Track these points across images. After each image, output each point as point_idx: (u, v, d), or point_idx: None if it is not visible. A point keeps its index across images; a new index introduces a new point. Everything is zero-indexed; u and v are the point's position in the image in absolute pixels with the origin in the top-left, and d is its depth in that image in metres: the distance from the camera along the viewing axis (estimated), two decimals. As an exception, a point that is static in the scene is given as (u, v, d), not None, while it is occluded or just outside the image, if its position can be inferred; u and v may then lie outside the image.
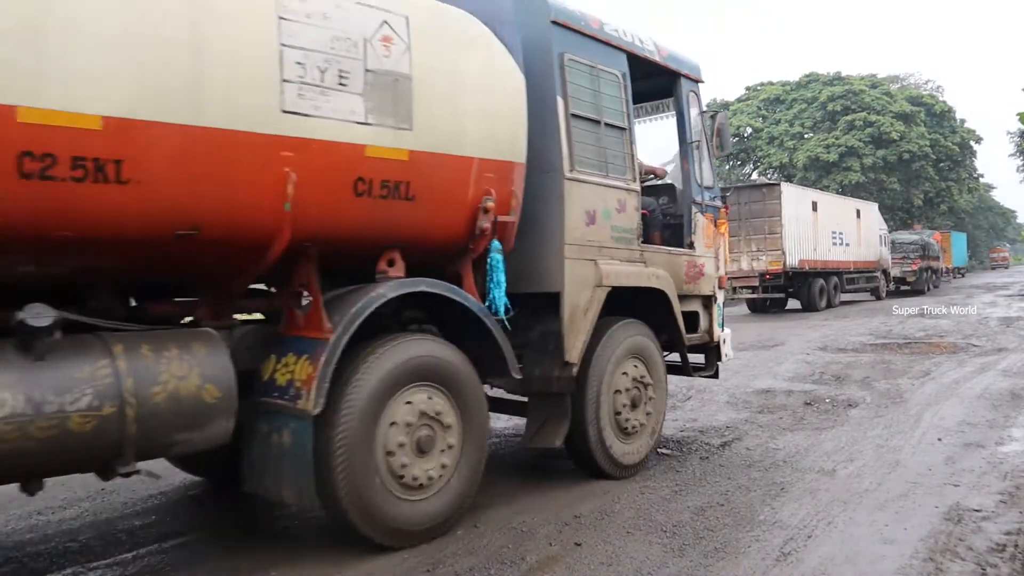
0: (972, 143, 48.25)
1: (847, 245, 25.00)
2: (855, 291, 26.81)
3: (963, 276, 47.60)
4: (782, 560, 3.92)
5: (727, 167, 46.51)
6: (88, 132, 2.87)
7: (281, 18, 3.38)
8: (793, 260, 21.17)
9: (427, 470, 4.01)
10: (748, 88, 49.00)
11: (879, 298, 27.57)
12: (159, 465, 4.90)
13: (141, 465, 3.35)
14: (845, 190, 39.05)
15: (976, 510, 4.69)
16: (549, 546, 4.14)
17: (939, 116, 46.12)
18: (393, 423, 3.86)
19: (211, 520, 4.77)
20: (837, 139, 43.17)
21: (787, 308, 23.10)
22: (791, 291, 22.43)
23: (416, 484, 3.96)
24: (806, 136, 44.75)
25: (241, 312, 4.13)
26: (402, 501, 3.91)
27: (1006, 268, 66.94)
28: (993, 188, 75.08)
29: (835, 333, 15.64)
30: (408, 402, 3.94)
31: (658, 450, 5.97)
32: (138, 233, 3.14)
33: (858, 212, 26.34)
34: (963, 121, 48.49)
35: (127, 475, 3.27)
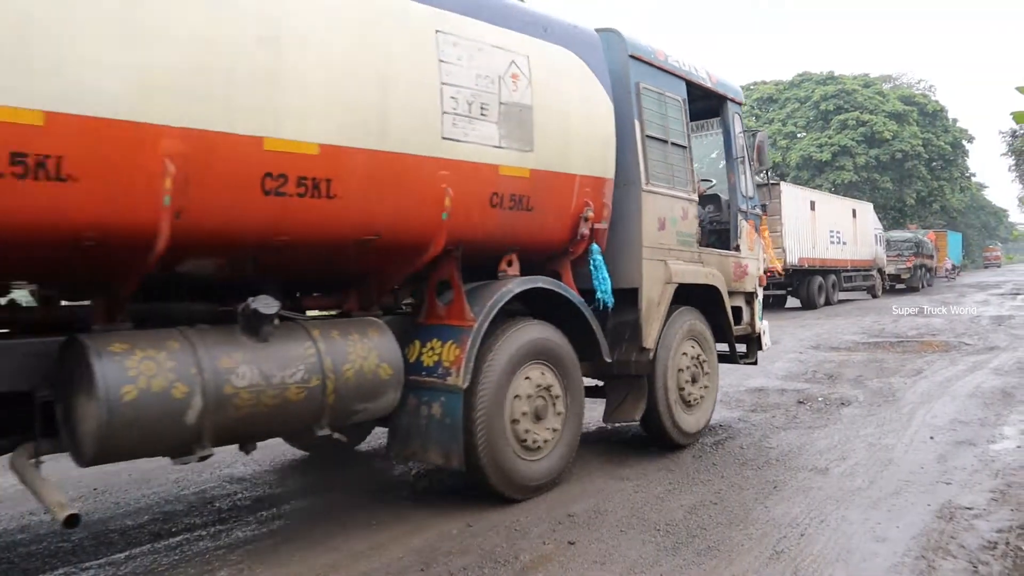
0: (964, 142, 49.64)
1: (844, 244, 26.08)
2: (852, 289, 27.85)
3: (958, 275, 48.97)
4: (775, 559, 4.02)
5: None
6: (309, 156, 3.67)
7: (441, 61, 4.20)
8: (793, 258, 22.13)
9: (542, 433, 4.86)
10: (741, 87, 49.92)
11: (875, 296, 28.77)
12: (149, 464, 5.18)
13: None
14: (838, 189, 40.11)
15: (968, 508, 4.79)
16: (543, 545, 4.24)
17: (931, 115, 47.43)
18: (517, 396, 4.71)
19: (203, 520, 4.83)
20: (830, 138, 44.26)
21: (786, 306, 24.04)
22: (790, 289, 23.44)
23: (535, 446, 4.81)
24: (799, 135, 45.89)
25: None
26: (524, 461, 4.75)
27: (998, 267, 68.75)
28: (985, 187, 76.76)
29: (828, 332, 16.14)
30: (527, 377, 4.79)
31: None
32: (335, 238, 3.95)
33: (854, 212, 27.46)
34: (955, 120, 49.95)
35: (321, 439, 4.06)
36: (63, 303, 4.02)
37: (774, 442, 6.61)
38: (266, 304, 3.71)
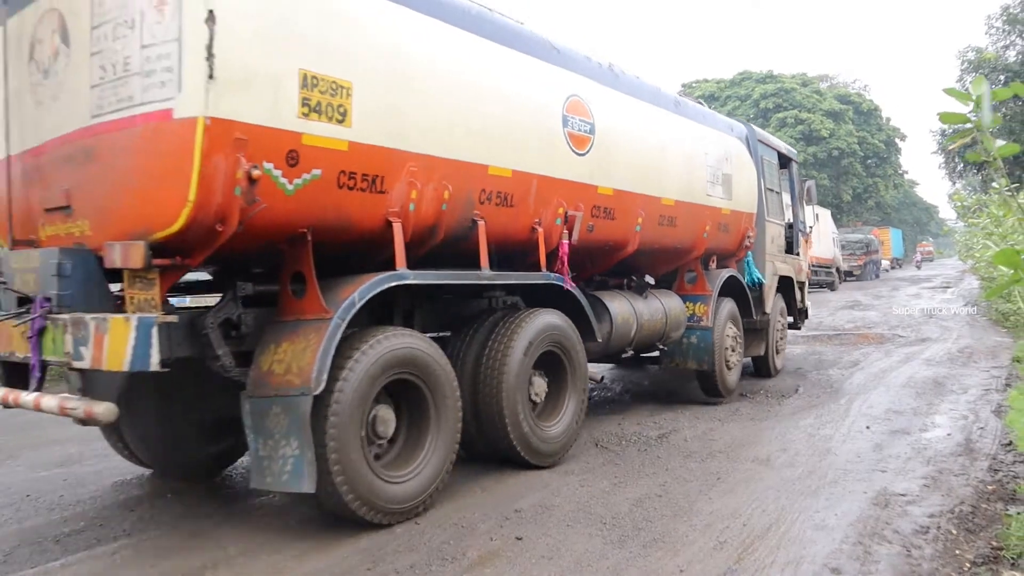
0: (897, 140, 57.70)
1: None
2: (817, 283, 34.51)
3: (900, 267, 57.22)
4: (718, 549, 4.38)
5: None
6: (670, 206, 8.62)
7: (704, 153, 9.37)
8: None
9: (735, 358, 10.05)
10: (684, 85, 56.38)
11: (834, 290, 35.93)
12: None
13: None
14: (778, 186, 46.87)
15: (902, 495, 5.27)
16: (490, 541, 4.57)
17: (866, 114, 55.00)
18: (727, 334, 9.89)
19: (142, 524, 5.07)
20: (770, 136, 50.85)
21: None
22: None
23: (732, 365, 9.94)
24: (741, 133, 52.26)
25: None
26: (729, 373, 9.89)
27: (931, 261, 78.65)
28: (917, 184, 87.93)
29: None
30: (731, 324, 10.01)
31: (597, 444, 7.27)
32: (670, 248, 8.97)
33: (817, 216, 34.01)
34: (889, 119, 58.12)
35: (658, 350, 9.19)
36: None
37: (718, 434, 7.54)
38: (649, 279, 8.85)
